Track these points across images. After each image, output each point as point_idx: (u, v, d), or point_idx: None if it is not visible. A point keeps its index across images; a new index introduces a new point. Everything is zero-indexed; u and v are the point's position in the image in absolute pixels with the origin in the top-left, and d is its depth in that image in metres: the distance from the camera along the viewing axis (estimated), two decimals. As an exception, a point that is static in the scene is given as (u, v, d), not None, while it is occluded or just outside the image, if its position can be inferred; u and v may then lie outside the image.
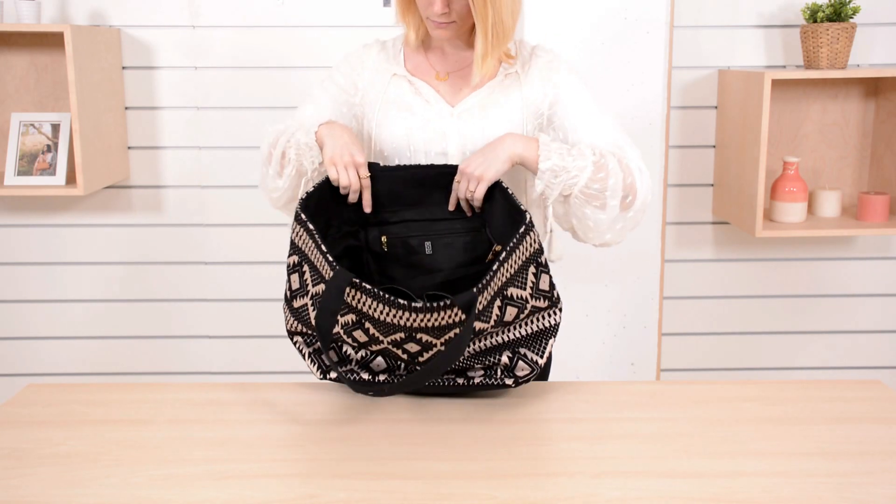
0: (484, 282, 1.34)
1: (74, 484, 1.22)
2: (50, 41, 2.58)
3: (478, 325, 1.38)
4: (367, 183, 1.52)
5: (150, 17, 2.59)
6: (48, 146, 2.53)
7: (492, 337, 1.46)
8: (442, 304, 1.32)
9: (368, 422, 1.42)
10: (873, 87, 2.64)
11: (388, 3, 2.57)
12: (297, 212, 1.47)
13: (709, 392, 1.54)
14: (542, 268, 1.46)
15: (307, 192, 1.50)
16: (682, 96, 2.66)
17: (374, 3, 2.57)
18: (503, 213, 1.50)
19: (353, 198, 1.53)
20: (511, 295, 1.41)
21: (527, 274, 1.43)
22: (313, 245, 1.42)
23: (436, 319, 1.33)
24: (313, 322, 1.45)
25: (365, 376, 1.49)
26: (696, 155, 2.71)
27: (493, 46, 1.50)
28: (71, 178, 2.53)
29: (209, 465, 1.28)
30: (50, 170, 2.50)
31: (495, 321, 1.41)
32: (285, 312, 1.52)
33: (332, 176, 1.50)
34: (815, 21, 2.45)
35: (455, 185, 1.53)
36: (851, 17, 2.44)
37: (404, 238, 1.57)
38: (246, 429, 1.40)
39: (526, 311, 1.45)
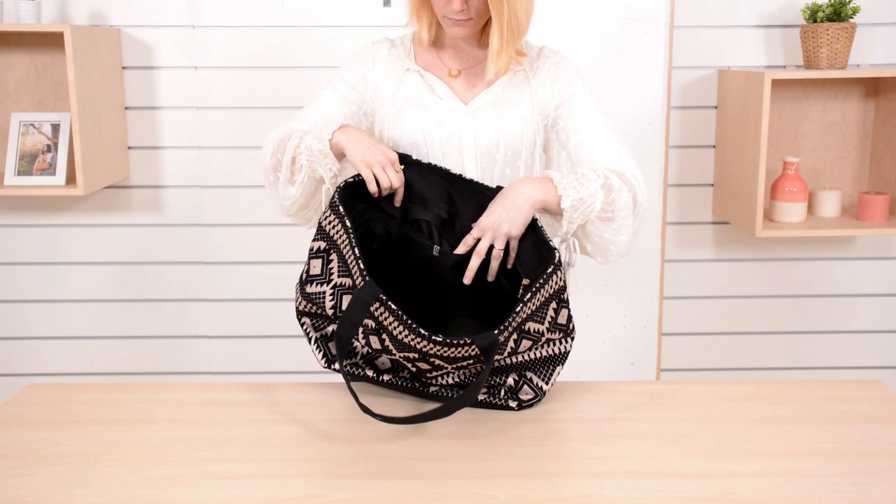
0: (506, 324, 1.34)
1: (74, 484, 1.22)
2: (50, 41, 2.58)
3: None
4: (402, 178, 1.52)
5: (150, 17, 2.59)
6: (48, 146, 2.53)
7: (500, 359, 1.46)
8: (462, 341, 1.31)
9: (368, 422, 1.42)
10: (873, 87, 2.64)
11: (388, 3, 2.57)
12: (333, 201, 1.44)
13: (709, 392, 1.54)
14: (563, 303, 1.45)
15: (345, 182, 1.48)
16: (682, 96, 2.66)
17: (374, 3, 2.57)
18: (530, 245, 1.48)
19: (384, 192, 1.51)
20: (528, 329, 1.41)
21: (547, 309, 1.42)
22: (347, 243, 1.40)
23: (453, 352, 1.33)
24: (328, 311, 1.44)
25: (370, 373, 1.49)
26: (696, 155, 2.71)
27: (509, 42, 1.51)
28: (71, 178, 2.53)
29: (209, 465, 1.28)
30: (50, 170, 2.50)
31: (508, 353, 1.41)
32: (297, 293, 1.49)
33: (368, 176, 1.48)
34: (815, 21, 2.45)
35: (470, 239, 1.48)
36: (851, 17, 2.44)
37: (417, 236, 1.56)
38: (246, 429, 1.40)
39: (540, 343, 1.45)
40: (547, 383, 1.47)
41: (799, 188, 2.51)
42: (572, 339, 1.48)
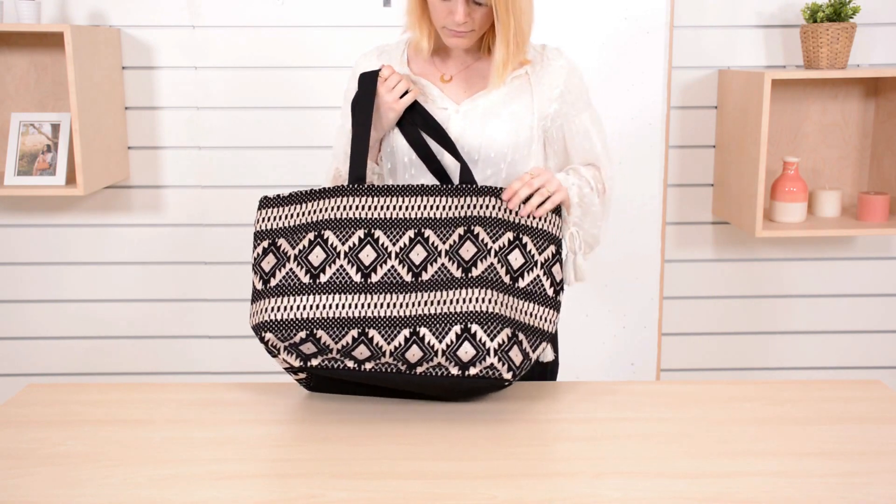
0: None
1: (74, 484, 1.22)
2: (50, 41, 2.58)
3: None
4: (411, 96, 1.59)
5: (150, 17, 2.59)
6: (48, 146, 2.53)
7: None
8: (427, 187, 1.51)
9: (368, 422, 1.42)
10: (873, 87, 2.64)
11: (388, 4, 2.57)
12: (261, 201, 1.53)
13: (709, 392, 1.54)
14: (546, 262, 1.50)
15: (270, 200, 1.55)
16: (682, 96, 2.66)
17: (374, 3, 2.57)
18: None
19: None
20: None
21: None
22: (296, 209, 1.50)
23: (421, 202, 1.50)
24: (304, 279, 1.44)
25: (350, 364, 1.43)
26: (696, 155, 2.71)
27: (513, 55, 1.53)
28: (71, 178, 2.53)
29: (209, 465, 1.28)
30: (50, 170, 2.50)
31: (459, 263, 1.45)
32: (255, 310, 1.46)
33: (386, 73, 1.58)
34: (815, 21, 2.45)
35: (525, 178, 1.50)
36: (851, 17, 2.44)
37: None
38: (246, 429, 1.40)
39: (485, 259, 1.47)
40: (492, 340, 1.38)
41: (799, 188, 2.51)
42: (533, 299, 1.46)
